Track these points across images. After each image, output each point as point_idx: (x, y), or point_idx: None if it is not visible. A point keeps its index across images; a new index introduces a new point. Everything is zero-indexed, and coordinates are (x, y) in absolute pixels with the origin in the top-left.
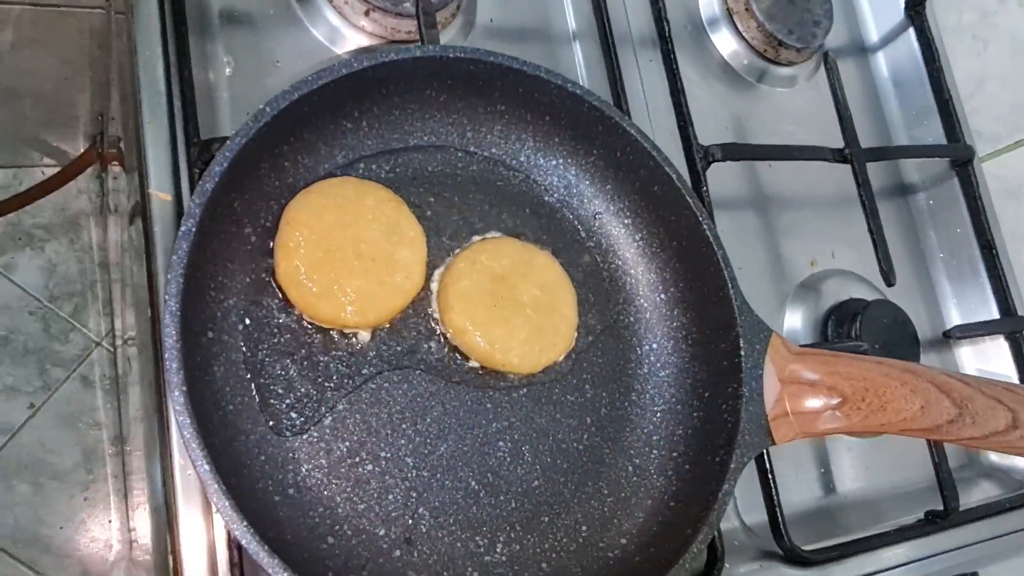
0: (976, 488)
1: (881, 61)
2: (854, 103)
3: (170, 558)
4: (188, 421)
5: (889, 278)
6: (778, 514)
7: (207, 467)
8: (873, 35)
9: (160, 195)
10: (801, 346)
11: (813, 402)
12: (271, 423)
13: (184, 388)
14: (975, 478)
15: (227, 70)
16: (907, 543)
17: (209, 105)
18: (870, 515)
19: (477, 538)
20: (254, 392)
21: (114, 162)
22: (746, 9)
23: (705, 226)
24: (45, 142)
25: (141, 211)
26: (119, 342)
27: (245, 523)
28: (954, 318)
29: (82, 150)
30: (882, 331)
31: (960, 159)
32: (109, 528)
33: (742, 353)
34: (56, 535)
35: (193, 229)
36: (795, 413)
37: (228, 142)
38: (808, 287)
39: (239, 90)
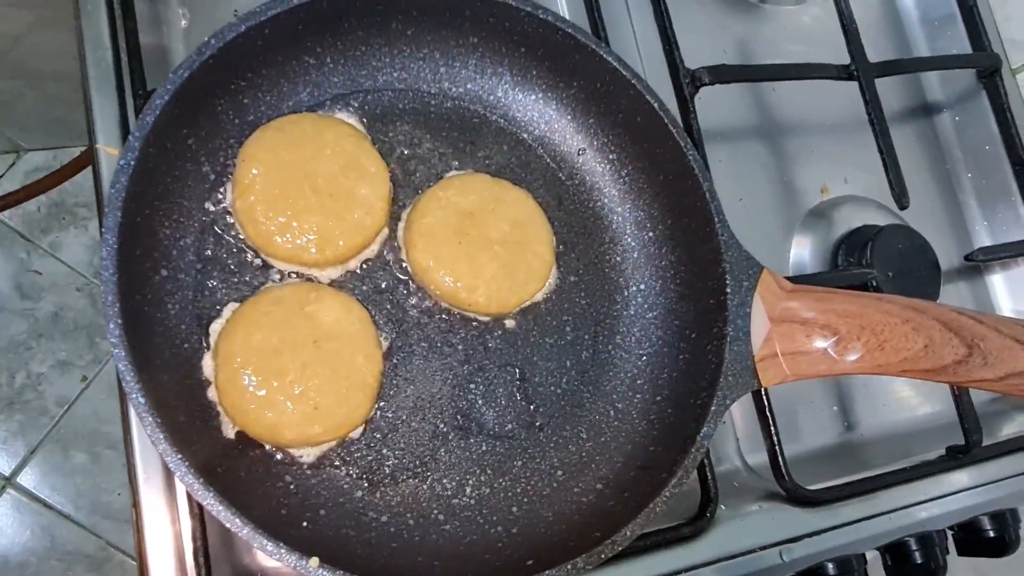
0: (1009, 421)
1: None
2: (868, 16)
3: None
4: (123, 354)
5: (902, 200)
6: (778, 452)
7: (141, 400)
8: None
9: (107, 150)
10: (797, 282)
11: (805, 342)
12: None
13: (119, 320)
14: (1008, 411)
15: (182, 23)
16: (924, 480)
17: (163, 59)
18: (891, 453)
19: (445, 480)
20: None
21: None
22: None
23: (689, 156)
24: (77, 122)
25: (92, 169)
26: None
27: (179, 456)
28: (984, 242)
29: None
30: (897, 258)
31: (986, 69)
32: None
33: (728, 290)
34: (115, 501)
35: (132, 162)
36: (785, 354)
37: (171, 75)
38: (818, 215)
39: (195, 42)
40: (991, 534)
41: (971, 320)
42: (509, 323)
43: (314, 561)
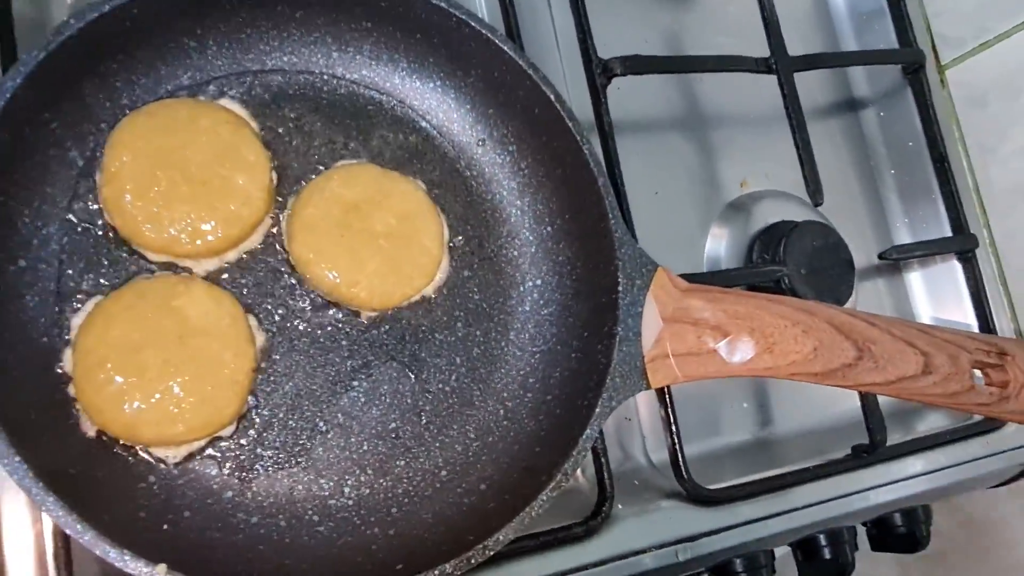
0: (922, 421)
1: None
2: (799, 8)
3: None
4: None
5: (816, 196)
6: (678, 450)
7: None
8: None
9: None
10: (706, 278)
11: (696, 343)
12: None
13: None
14: (922, 410)
15: None
16: (827, 480)
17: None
18: (805, 451)
19: (322, 480)
20: None
21: None
22: None
23: (585, 150)
24: None
25: None
26: None
27: (16, 457)
28: (904, 240)
29: None
30: (810, 255)
31: (911, 65)
32: None
33: (619, 289)
34: None
35: None
36: (676, 355)
37: (24, 56)
38: (737, 208)
39: None
40: (903, 530)
41: (863, 323)
42: (397, 318)
43: (161, 568)
